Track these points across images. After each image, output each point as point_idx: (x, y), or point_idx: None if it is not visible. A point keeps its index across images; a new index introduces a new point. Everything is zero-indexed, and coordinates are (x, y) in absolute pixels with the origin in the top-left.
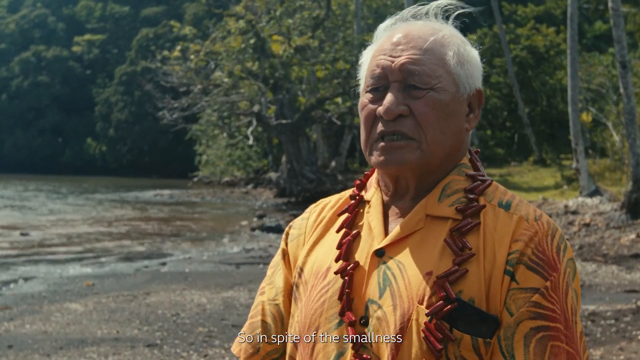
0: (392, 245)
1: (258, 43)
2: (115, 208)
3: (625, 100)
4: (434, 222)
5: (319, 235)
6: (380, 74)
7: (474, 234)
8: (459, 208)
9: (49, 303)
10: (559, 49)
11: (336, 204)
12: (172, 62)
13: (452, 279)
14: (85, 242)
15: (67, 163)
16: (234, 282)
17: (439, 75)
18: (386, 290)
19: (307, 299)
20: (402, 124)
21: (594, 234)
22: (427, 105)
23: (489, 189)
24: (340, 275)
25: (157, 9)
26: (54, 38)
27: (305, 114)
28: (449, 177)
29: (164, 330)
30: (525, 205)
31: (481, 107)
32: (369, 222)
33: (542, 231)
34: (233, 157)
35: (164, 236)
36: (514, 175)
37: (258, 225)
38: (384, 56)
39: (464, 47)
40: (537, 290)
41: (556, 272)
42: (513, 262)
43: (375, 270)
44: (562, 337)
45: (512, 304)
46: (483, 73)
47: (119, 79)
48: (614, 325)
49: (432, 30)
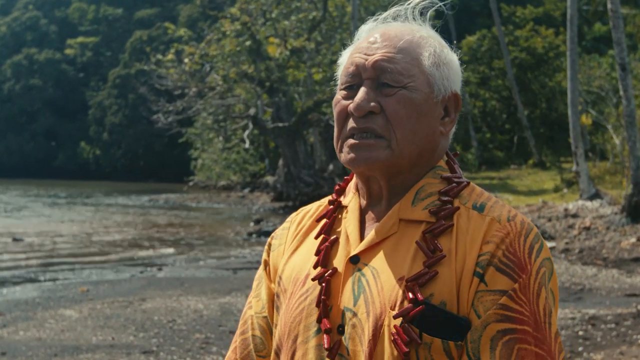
0: (367, 251)
1: (254, 45)
2: (109, 213)
3: (625, 102)
4: (407, 226)
5: (298, 243)
6: (354, 72)
7: (447, 236)
8: (432, 210)
9: (43, 309)
10: (558, 51)
11: (316, 210)
12: (167, 64)
13: (421, 281)
14: (79, 248)
15: (61, 167)
16: (231, 287)
17: (412, 74)
18: (360, 297)
19: (286, 307)
20: (372, 121)
21: (594, 238)
22: (398, 102)
23: (464, 191)
24: (318, 282)
25: (151, 10)
26: (47, 41)
27: (302, 117)
28: (423, 180)
29: (160, 337)
30: (500, 206)
31: (458, 111)
32: (346, 228)
33: (514, 232)
34: (229, 161)
35: (160, 241)
36: (514, 178)
37: (255, 230)
38: (359, 54)
39: (441, 49)
40: (504, 293)
41: (525, 273)
42: (483, 264)
43: (350, 277)
44: (530, 339)
45: (480, 305)
46: (482, 75)
47: (112, 82)
48: (615, 330)
49: (409, 31)
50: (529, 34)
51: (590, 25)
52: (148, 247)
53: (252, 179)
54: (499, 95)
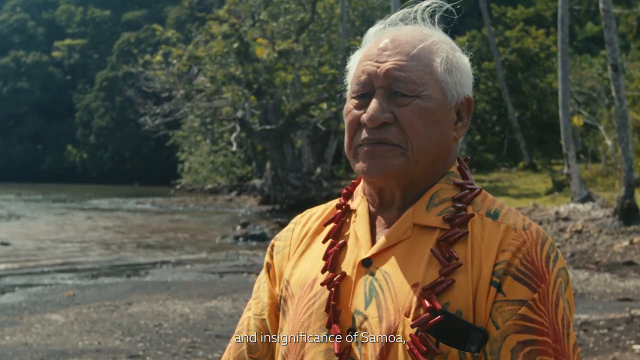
0: (379, 255)
1: (241, 47)
2: (96, 216)
3: (617, 103)
4: (421, 232)
5: (305, 247)
6: (365, 80)
7: (462, 244)
8: (447, 217)
9: (29, 314)
10: (549, 52)
11: (322, 214)
12: (154, 67)
13: (438, 290)
14: (66, 252)
15: (47, 171)
16: (218, 291)
17: (425, 82)
18: (372, 300)
19: (294, 312)
20: (386, 132)
21: (586, 241)
22: (412, 112)
23: (477, 198)
24: (327, 287)
25: (139, 12)
26: (34, 43)
27: (290, 119)
28: (437, 185)
29: (146, 341)
30: (514, 214)
31: (470, 115)
32: (356, 232)
33: (530, 240)
34: (216, 164)
35: (146, 245)
36: (504, 181)
37: (242, 233)
38: (370, 62)
39: (452, 53)
40: (524, 303)
41: (544, 283)
42: (500, 273)
43: (362, 280)
44: (550, 351)
45: (499, 316)
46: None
47: (99, 84)
48: (607, 335)
49: (420, 36)
50: (519, 34)
51: (581, 25)
52: (134, 251)
53: (239, 182)
54: (489, 97)
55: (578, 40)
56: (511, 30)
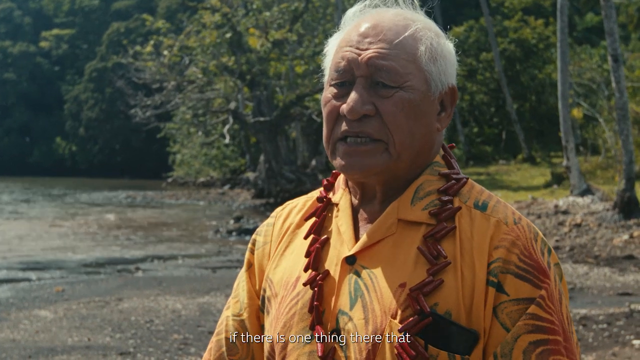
0: (364, 252)
1: (234, 37)
2: (85, 210)
3: (617, 95)
4: (406, 228)
5: (287, 243)
6: (345, 67)
7: (449, 239)
8: (433, 212)
9: (17, 310)
10: (548, 42)
11: (304, 206)
12: (145, 57)
13: (426, 290)
14: (54, 246)
15: (36, 163)
16: (210, 287)
17: (409, 72)
18: (357, 301)
19: (277, 312)
20: (367, 125)
21: (585, 235)
22: (395, 105)
23: (464, 189)
24: (310, 287)
25: (129, 2)
26: (21, 33)
27: (284, 111)
28: (421, 177)
29: (137, 338)
30: (503, 206)
31: (454, 105)
32: (338, 227)
33: (524, 235)
34: (209, 157)
35: (137, 239)
36: (502, 174)
37: (235, 227)
38: (351, 48)
39: (437, 41)
40: (532, 301)
41: (549, 278)
42: (497, 272)
43: (346, 278)
44: (562, 350)
45: (506, 318)
46: (469, 67)
47: (89, 75)
48: (607, 330)
49: (403, 22)
50: (518, 24)
51: (581, 15)
52: (125, 246)
53: (232, 175)
54: (487, 88)
55: (578, 31)
56: (509, 20)
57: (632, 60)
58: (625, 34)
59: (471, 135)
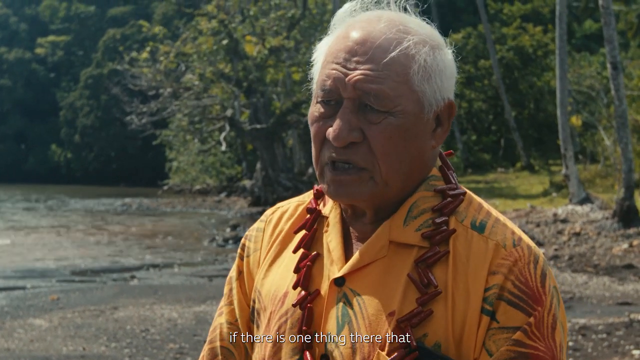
0: (353, 274)
1: (231, 44)
2: (80, 218)
3: (616, 102)
4: (398, 250)
5: (275, 254)
6: (331, 87)
7: (442, 265)
8: (425, 234)
9: (11, 319)
10: (547, 49)
11: (295, 211)
12: (141, 64)
13: (414, 322)
14: (49, 254)
15: (31, 171)
16: (207, 295)
17: (399, 94)
18: (345, 327)
19: (266, 327)
20: (354, 152)
21: (584, 244)
22: (383, 133)
23: (461, 206)
24: (299, 307)
25: (125, 8)
26: (16, 39)
27: (281, 118)
28: (415, 194)
29: (132, 347)
30: (502, 226)
31: (452, 119)
32: (328, 244)
33: (522, 259)
34: (205, 164)
35: (132, 248)
36: (501, 182)
37: (231, 235)
38: (337, 66)
39: (432, 55)
40: (518, 328)
41: (541, 305)
42: (491, 300)
43: (334, 301)
44: None
45: (492, 345)
46: (467, 75)
47: (84, 82)
48: (606, 340)
49: (396, 36)
50: (516, 31)
51: (580, 22)
52: (120, 254)
53: (228, 183)
54: (485, 96)
55: (576, 38)
56: (508, 28)
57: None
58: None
59: (469, 143)
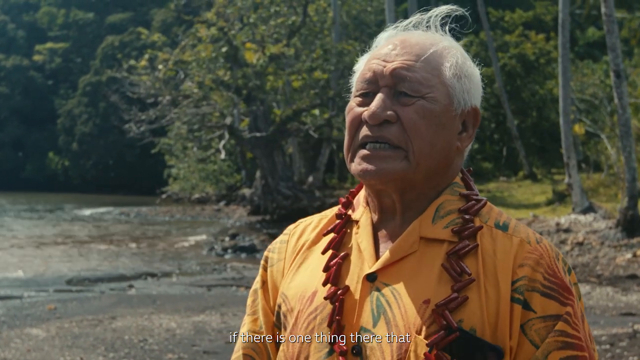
0: (385, 270)
1: (230, 51)
2: (78, 226)
3: (620, 111)
4: (428, 245)
5: (302, 260)
6: (370, 78)
7: (472, 257)
8: (455, 230)
9: (8, 328)
10: (549, 57)
11: (319, 224)
12: (139, 71)
13: (451, 307)
14: (46, 263)
15: (28, 179)
16: (206, 305)
17: (432, 84)
18: (380, 318)
19: (294, 327)
20: (387, 131)
21: (587, 254)
22: (416, 112)
23: (483, 210)
24: (330, 301)
25: (123, 15)
26: (14, 46)
27: (281, 126)
28: (441, 197)
29: (130, 357)
30: (523, 227)
31: (476, 128)
32: (358, 244)
33: (547, 254)
34: (205, 173)
35: (130, 257)
36: (503, 191)
37: (231, 245)
38: (377, 60)
39: (463, 60)
40: (559, 317)
41: (572, 295)
42: (522, 290)
43: (368, 296)
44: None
45: (535, 334)
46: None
47: (82, 89)
48: (609, 351)
49: (431, 40)
50: (518, 39)
51: (583, 30)
52: (118, 263)
53: (228, 191)
54: (487, 104)
55: (579, 46)
56: (510, 35)
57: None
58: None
59: (471, 151)
